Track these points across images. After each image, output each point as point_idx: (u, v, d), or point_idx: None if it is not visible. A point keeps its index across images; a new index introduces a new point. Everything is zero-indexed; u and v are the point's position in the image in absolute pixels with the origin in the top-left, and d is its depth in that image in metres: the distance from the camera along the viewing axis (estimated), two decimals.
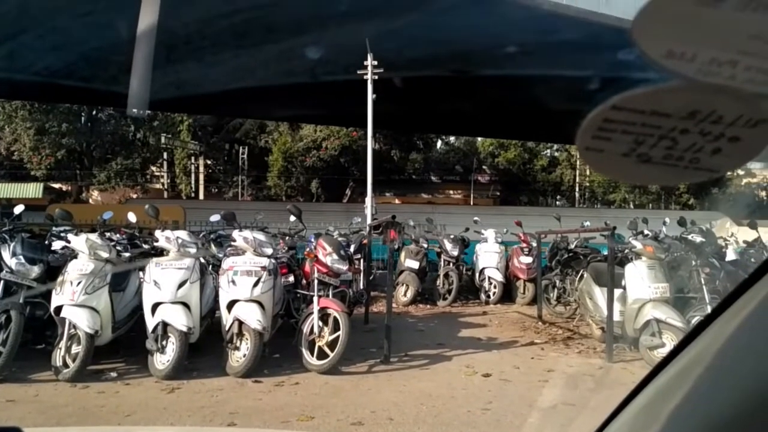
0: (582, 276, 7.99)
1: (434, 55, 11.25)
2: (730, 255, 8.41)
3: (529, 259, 10.49)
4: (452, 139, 36.15)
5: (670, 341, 5.88)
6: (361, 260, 8.91)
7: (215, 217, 7.45)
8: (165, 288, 5.56)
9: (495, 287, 10.70)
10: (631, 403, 0.79)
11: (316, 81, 11.47)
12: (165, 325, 5.48)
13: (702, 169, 0.38)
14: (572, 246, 9.54)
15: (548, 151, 37.18)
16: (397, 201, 31.84)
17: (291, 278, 6.74)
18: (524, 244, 10.91)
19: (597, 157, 0.37)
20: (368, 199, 12.61)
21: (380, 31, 10.40)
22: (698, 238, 7.27)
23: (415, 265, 10.41)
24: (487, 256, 10.87)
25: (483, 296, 10.70)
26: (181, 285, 5.60)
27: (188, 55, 10.08)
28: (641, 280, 6.24)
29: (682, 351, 0.72)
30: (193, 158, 31.65)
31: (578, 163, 36.42)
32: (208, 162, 32.66)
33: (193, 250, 5.91)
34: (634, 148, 0.37)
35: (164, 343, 5.47)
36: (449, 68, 11.36)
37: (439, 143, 36.17)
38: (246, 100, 14.51)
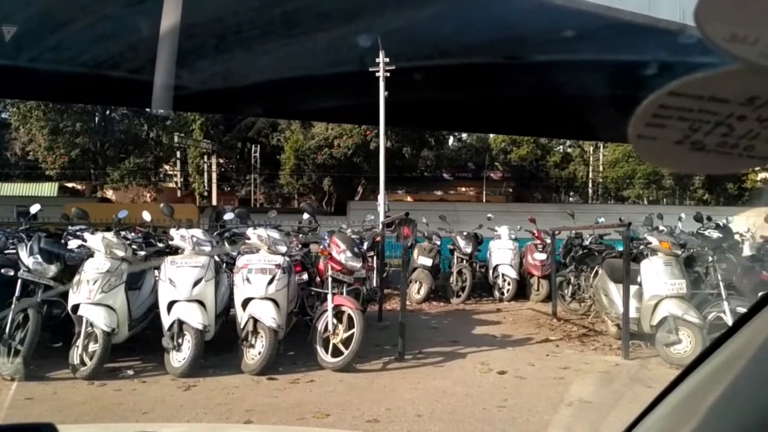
0: (597, 272, 7.94)
1: (450, 48, 11.20)
2: (747, 251, 8.33)
3: (543, 256, 10.44)
4: (464, 135, 36.05)
5: (687, 338, 5.83)
6: (374, 257, 8.91)
7: (229, 215, 7.48)
8: (180, 286, 5.58)
9: (509, 284, 10.66)
10: (662, 401, 0.78)
11: (329, 76, 11.46)
12: (180, 323, 5.51)
13: (756, 156, 0.37)
14: (587, 242, 9.48)
15: (561, 147, 37.00)
16: (409, 198, 31.82)
17: (305, 276, 6.74)
18: (538, 241, 10.87)
19: (648, 145, 0.36)
20: (381, 197, 12.59)
21: (395, 25, 10.38)
22: (715, 234, 7.19)
23: (428, 262, 10.40)
24: (501, 253, 10.83)
25: (497, 293, 10.67)
26: (196, 283, 5.61)
27: (203, 52, 10.14)
28: (657, 276, 6.18)
29: (717, 349, 0.71)
30: (205, 157, 31.82)
31: (591, 159, 36.25)
32: (221, 160, 32.84)
33: (207, 249, 5.93)
34: (689, 135, 0.36)
35: (180, 341, 5.49)
36: (465, 59, 11.30)
37: (451, 140, 36.10)
38: (259, 98, 14.52)
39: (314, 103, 15.41)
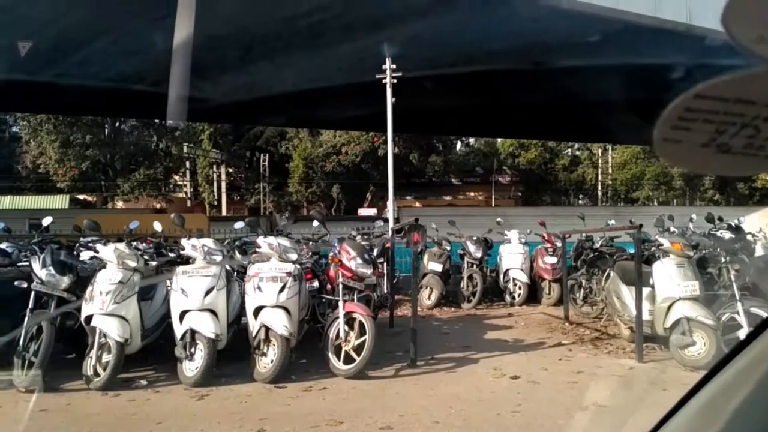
0: (608, 275, 7.90)
1: (459, 53, 11.21)
2: (760, 251, 8.26)
3: (554, 259, 10.40)
4: (472, 140, 36.03)
5: (701, 340, 5.78)
6: (384, 264, 8.90)
7: (240, 224, 7.50)
8: (192, 296, 5.60)
9: (520, 288, 10.62)
10: (684, 406, 0.77)
11: (340, 85, 11.50)
12: (193, 332, 5.52)
13: None
14: (597, 245, 9.44)
15: (569, 150, 36.90)
16: (417, 204, 31.82)
17: (316, 283, 6.75)
18: (548, 244, 10.82)
19: (674, 148, 0.36)
20: (390, 203, 12.61)
21: (404, 31, 10.41)
22: (727, 235, 7.14)
23: (438, 267, 10.38)
24: (511, 257, 10.79)
25: (508, 298, 10.62)
26: (208, 292, 5.63)
27: (214, 63, 10.21)
28: (670, 278, 6.14)
29: (739, 353, 0.70)
30: (214, 166, 31.99)
31: (600, 161, 36.13)
32: (230, 170, 33.00)
33: (219, 258, 5.95)
34: (714, 138, 0.36)
35: (192, 350, 5.50)
36: (474, 65, 11.30)
37: (458, 145, 36.10)
38: (269, 107, 14.59)
39: (322, 110, 15.46)
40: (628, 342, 6.87)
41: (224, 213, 29.88)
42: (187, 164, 32.11)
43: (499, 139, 34.37)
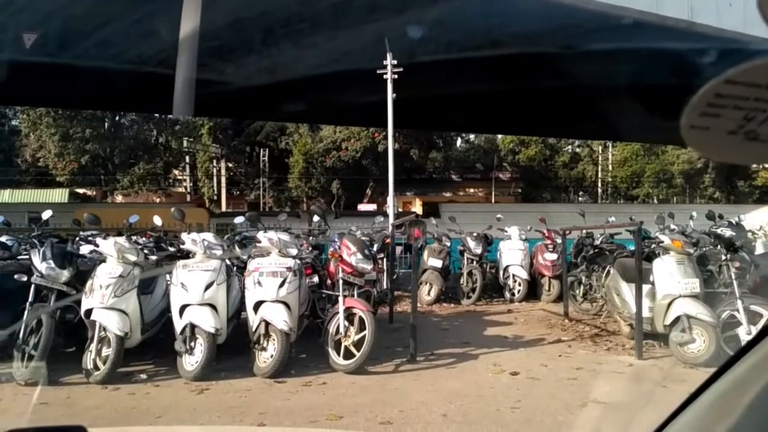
0: (608, 272, 7.90)
1: (459, 47, 11.16)
2: (760, 248, 8.27)
3: (554, 256, 10.40)
4: (472, 136, 36.00)
5: (700, 337, 5.79)
6: (384, 259, 8.90)
7: (240, 219, 7.50)
8: (192, 290, 5.60)
9: (520, 285, 10.62)
10: (693, 403, 0.77)
11: (337, 78, 11.46)
12: (193, 326, 5.52)
13: None
14: (597, 242, 9.43)
15: (569, 147, 36.88)
16: (418, 200, 31.83)
17: (316, 279, 6.73)
18: (548, 241, 10.82)
19: (701, 135, 0.36)
20: (390, 199, 12.59)
21: (405, 24, 10.35)
22: (728, 232, 7.13)
23: (438, 263, 10.38)
24: (511, 254, 10.80)
25: (507, 294, 10.63)
26: (208, 287, 5.63)
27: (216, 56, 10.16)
28: (670, 276, 6.14)
29: (749, 351, 0.69)
30: (214, 161, 31.97)
31: (600, 158, 36.11)
32: (230, 165, 32.97)
33: (219, 252, 5.95)
34: (743, 125, 0.35)
35: (192, 344, 5.51)
36: (474, 59, 11.25)
37: (459, 141, 36.06)
38: (267, 101, 14.55)
39: (322, 105, 15.42)
40: (627, 339, 6.87)
41: (224, 209, 29.85)
42: (187, 159, 32.09)
43: (499, 136, 34.35)
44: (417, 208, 30.94)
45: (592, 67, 11.03)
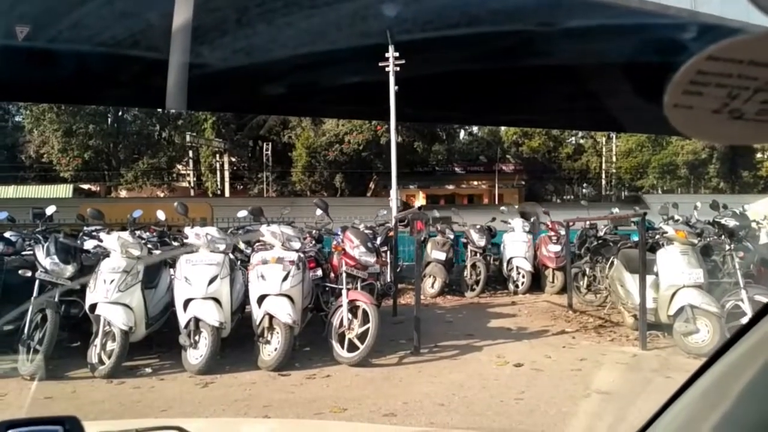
0: (612, 263, 7.88)
1: (461, 38, 11.10)
2: (765, 238, 8.24)
3: (558, 248, 10.38)
4: (475, 129, 35.88)
5: (705, 327, 5.77)
6: (388, 252, 8.91)
7: (243, 213, 7.51)
8: (196, 284, 5.62)
9: (523, 277, 10.61)
10: (684, 392, 0.76)
11: (340, 71, 11.43)
12: (197, 320, 5.54)
13: None
14: (601, 233, 9.41)
15: (573, 138, 36.75)
16: (421, 193, 31.78)
17: (319, 272, 6.75)
18: (552, 233, 10.80)
19: (685, 114, 0.35)
20: (393, 192, 12.58)
21: (407, 14, 10.30)
22: (731, 222, 7.11)
23: (441, 256, 10.38)
24: (515, 246, 10.78)
25: (511, 286, 10.62)
26: (211, 281, 5.65)
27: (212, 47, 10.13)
28: (674, 266, 6.13)
29: (739, 339, 0.69)
30: (217, 156, 31.98)
31: (604, 149, 35.98)
32: (233, 159, 32.99)
33: (222, 246, 5.96)
34: (727, 103, 0.34)
35: (197, 338, 5.53)
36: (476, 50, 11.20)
37: (462, 133, 35.95)
38: (270, 95, 14.52)
39: (324, 99, 15.41)
40: (631, 330, 6.86)
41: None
42: (190, 153, 32.08)
43: (502, 128, 34.23)
44: (420, 201, 30.92)
45: (594, 58, 10.99)
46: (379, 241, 8.65)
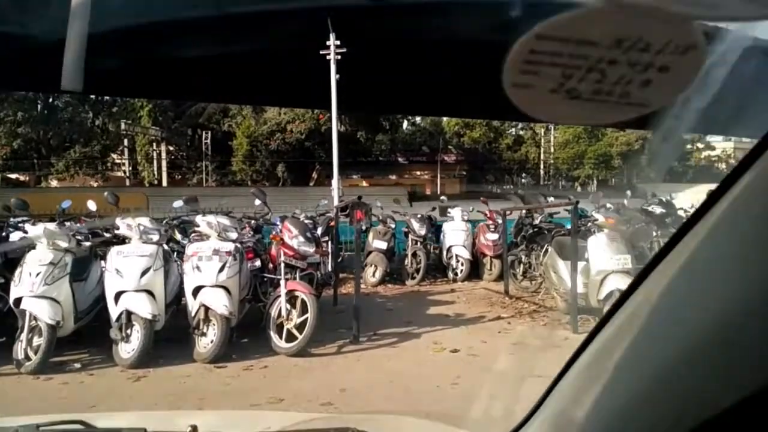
0: (546, 250, 8.10)
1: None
2: None
3: (495, 236, 10.57)
4: (418, 119, 36.13)
5: None
6: (329, 242, 8.88)
7: (178, 203, 7.32)
8: (128, 276, 5.47)
9: (462, 264, 10.77)
10: (577, 360, 0.79)
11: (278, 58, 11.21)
12: (129, 313, 5.40)
13: (633, 104, 0.36)
14: (537, 221, 9.64)
15: (513, 129, 37.48)
16: (364, 183, 31.78)
17: (257, 262, 6.66)
18: (490, 221, 11.00)
19: (526, 94, 0.35)
20: (335, 182, 12.54)
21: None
22: (658, 210, 7.42)
23: (383, 245, 10.41)
24: (454, 234, 10.93)
25: (451, 274, 10.76)
26: (144, 272, 5.51)
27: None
28: (603, 252, 6.35)
29: (623, 305, 0.72)
30: (154, 144, 31.04)
31: (542, 140, 36.87)
32: (171, 148, 32.06)
33: (155, 237, 5.81)
34: (563, 83, 0.35)
35: (129, 331, 5.39)
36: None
37: (405, 124, 36.12)
38: (205, 81, 14.13)
39: (264, 86, 15.12)
40: (564, 314, 7.08)
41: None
42: (126, 142, 31.03)
43: (444, 118, 34.58)
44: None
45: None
46: (320, 231, 8.62)
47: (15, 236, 6.44)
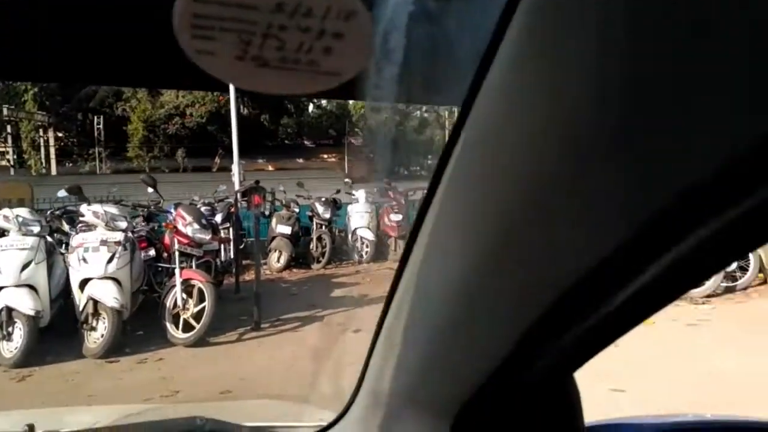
0: None
1: None
2: None
3: (399, 217, 10.73)
4: (324, 102, 35.80)
5: None
6: (230, 228, 8.68)
7: (62, 192, 6.92)
8: (6, 271, 5.15)
9: (367, 246, 10.86)
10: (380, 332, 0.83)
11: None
12: (9, 310, 5.09)
13: (324, 73, 0.35)
14: None
15: (418, 112, 37.94)
16: (270, 167, 31.20)
17: (151, 252, 6.42)
18: (394, 203, 11.14)
19: (213, 61, 0.34)
20: (235, 166, 12.21)
21: None
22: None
23: (287, 230, 10.30)
24: (359, 217, 10.98)
25: (356, 256, 10.83)
26: (24, 266, 5.21)
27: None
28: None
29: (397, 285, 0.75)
30: (41, 131, 29.01)
31: (447, 123, 37.60)
32: (60, 134, 30.06)
33: (36, 229, 5.48)
34: (245, 50, 0.34)
35: (10, 329, 5.09)
36: None
37: (311, 107, 35.72)
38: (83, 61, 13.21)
39: (158, 67, 14.41)
40: None
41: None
42: (9, 128, 28.81)
43: (350, 101, 34.47)
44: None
45: None
46: (219, 217, 8.42)
47: None
